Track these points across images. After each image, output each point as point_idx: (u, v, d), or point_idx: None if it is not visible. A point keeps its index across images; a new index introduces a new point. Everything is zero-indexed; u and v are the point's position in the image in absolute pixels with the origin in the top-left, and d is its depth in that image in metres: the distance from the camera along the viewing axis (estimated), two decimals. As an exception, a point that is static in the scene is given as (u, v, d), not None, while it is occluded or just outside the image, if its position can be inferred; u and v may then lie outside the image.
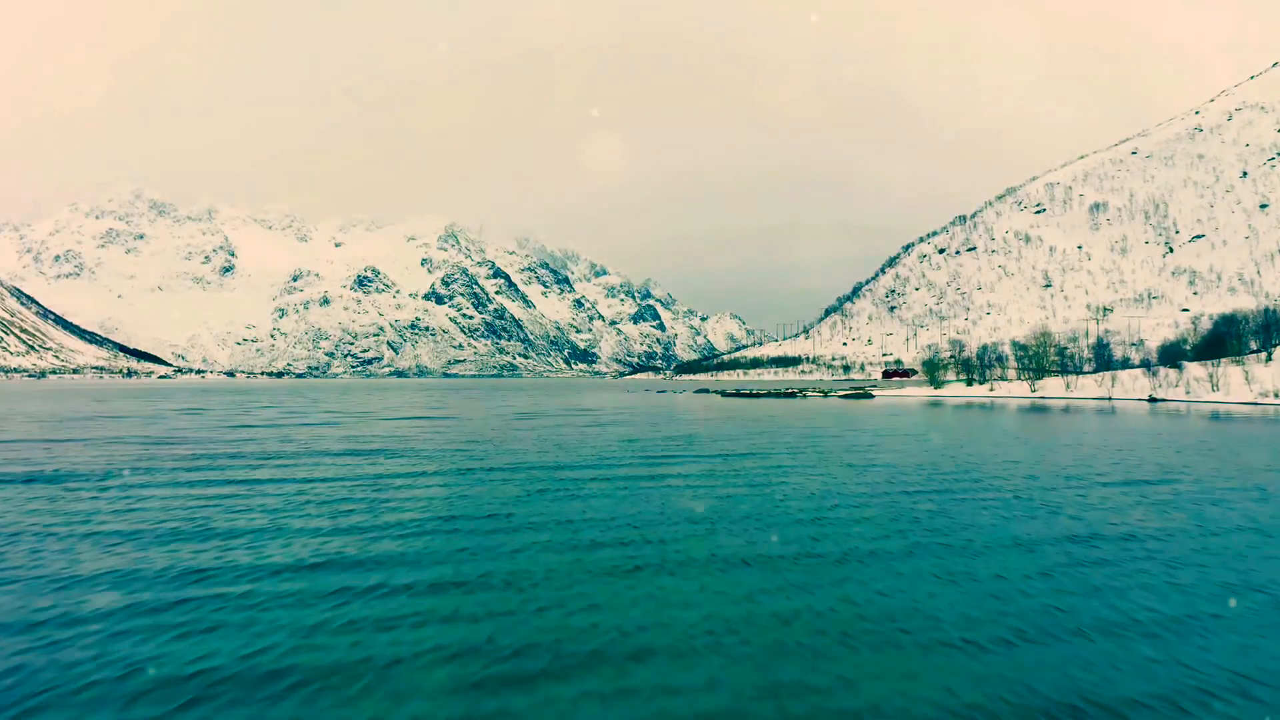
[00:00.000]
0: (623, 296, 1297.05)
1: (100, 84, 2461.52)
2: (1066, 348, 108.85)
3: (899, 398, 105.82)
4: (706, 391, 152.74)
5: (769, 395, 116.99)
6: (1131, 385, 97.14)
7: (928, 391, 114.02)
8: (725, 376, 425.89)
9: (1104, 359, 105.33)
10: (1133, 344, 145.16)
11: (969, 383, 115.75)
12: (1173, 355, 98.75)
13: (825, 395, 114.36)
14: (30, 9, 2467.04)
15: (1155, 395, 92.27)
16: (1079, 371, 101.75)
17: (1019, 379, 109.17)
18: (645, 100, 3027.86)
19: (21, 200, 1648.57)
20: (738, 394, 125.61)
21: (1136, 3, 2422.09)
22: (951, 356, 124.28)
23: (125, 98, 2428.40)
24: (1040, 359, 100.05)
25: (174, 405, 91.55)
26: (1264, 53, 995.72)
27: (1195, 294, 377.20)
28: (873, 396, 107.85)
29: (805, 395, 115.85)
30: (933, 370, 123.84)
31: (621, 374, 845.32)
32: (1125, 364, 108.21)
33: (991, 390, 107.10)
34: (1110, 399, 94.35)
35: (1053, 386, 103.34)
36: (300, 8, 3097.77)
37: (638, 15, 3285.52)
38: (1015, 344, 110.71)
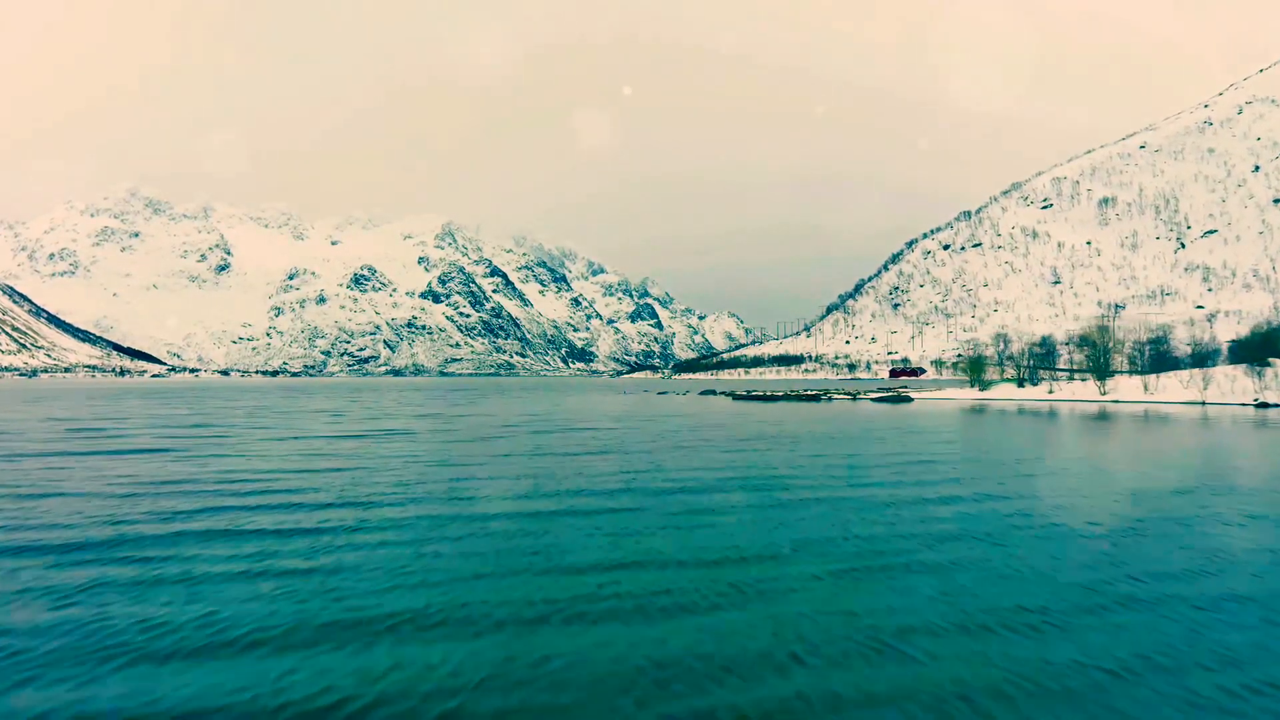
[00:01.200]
0: (620, 295, 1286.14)
1: (97, 83, 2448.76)
2: (1124, 342, 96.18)
3: (939, 401, 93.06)
4: (712, 393, 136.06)
5: (787, 398, 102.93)
6: (1229, 387, 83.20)
7: (970, 394, 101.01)
8: (726, 376, 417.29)
9: (1160, 356, 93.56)
10: (1151, 340, 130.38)
11: (1019, 384, 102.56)
12: (1250, 351, 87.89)
13: (854, 398, 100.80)
14: (29, 8, 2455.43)
15: (1264, 399, 78.93)
16: (1142, 370, 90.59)
17: (1070, 379, 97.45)
18: (643, 99, 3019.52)
19: (16, 198, 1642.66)
20: (750, 396, 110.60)
21: (1133, 1, 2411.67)
22: (997, 353, 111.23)
23: (121, 97, 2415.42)
24: (1106, 355, 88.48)
25: (70, 412, 75.60)
26: (1263, 51, 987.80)
27: (1209, 290, 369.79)
28: (910, 400, 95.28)
29: (830, 398, 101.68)
30: (975, 369, 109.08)
31: (619, 373, 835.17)
32: (1182, 363, 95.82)
33: (1050, 393, 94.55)
34: (1204, 403, 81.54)
35: (1126, 388, 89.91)
36: (297, 8, 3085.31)
37: (635, 15, 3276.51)
38: (1081, 339, 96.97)
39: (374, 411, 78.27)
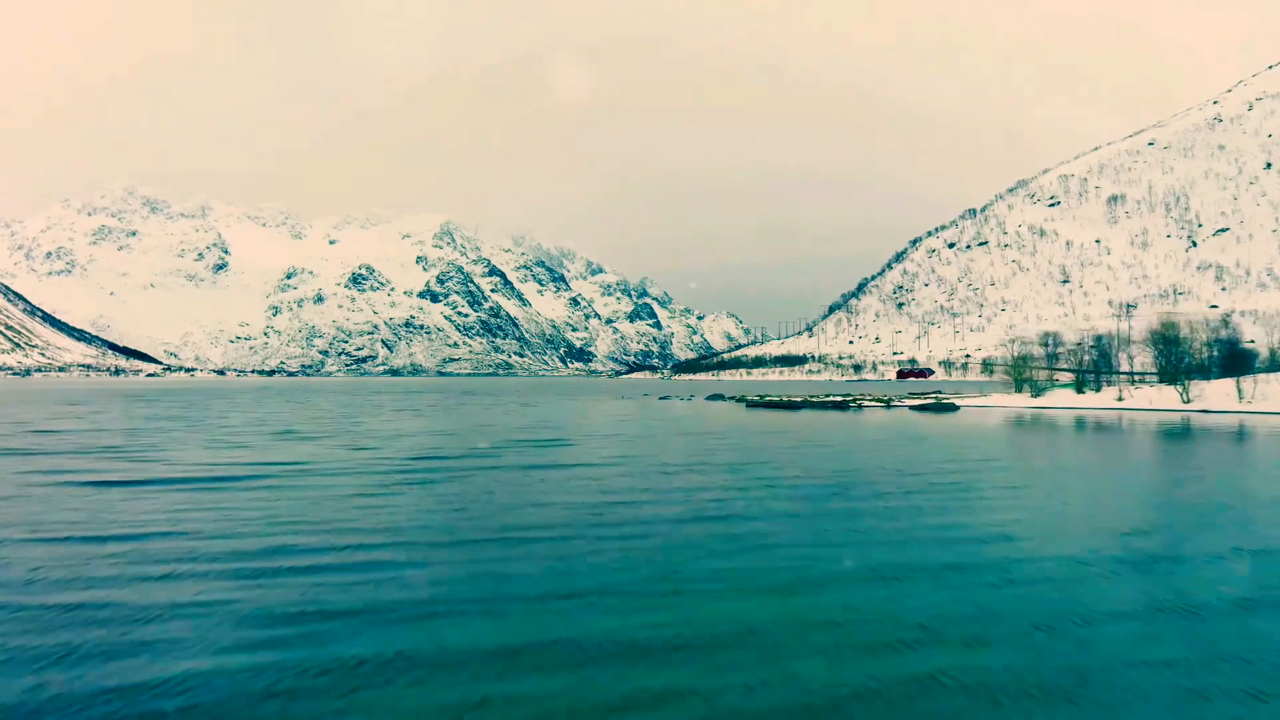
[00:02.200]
0: (619, 295, 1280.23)
1: (94, 81, 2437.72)
2: (1193, 341, 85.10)
3: (989, 409, 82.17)
4: (720, 398, 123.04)
5: (809, 406, 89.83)
6: (1355, 394, 67.47)
7: (1019, 400, 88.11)
8: (727, 376, 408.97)
9: (1233, 357, 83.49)
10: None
11: (1078, 389, 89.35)
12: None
13: (888, 406, 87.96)
14: (29, 6, 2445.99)
15: None
16: (1222, 374, 79.52)
17: (1131, 382, 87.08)
18: (642, 99, 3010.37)
19: (13, 197, 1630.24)
20: (765, 402, 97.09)
21: (1132, 1, 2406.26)
22: (1047, 354, 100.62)
23: (119, 95, 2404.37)
24: (1187, 356, 77.61)
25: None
26: (1268, 50, 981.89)
27: (1224, 290, 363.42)
28: (955, 408, 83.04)
29: (859, 406, 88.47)
30: (1021, 371, 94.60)
31: (617, 373, 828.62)
32: (1260, 363, 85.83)
33: (1120, 400, 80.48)
34: None
35: (1215, 395, 75.19)
36: (296, 7, 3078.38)
37: (635, 15, 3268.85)
38: (1155, 336, 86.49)
39: (306, 426, 61.46)
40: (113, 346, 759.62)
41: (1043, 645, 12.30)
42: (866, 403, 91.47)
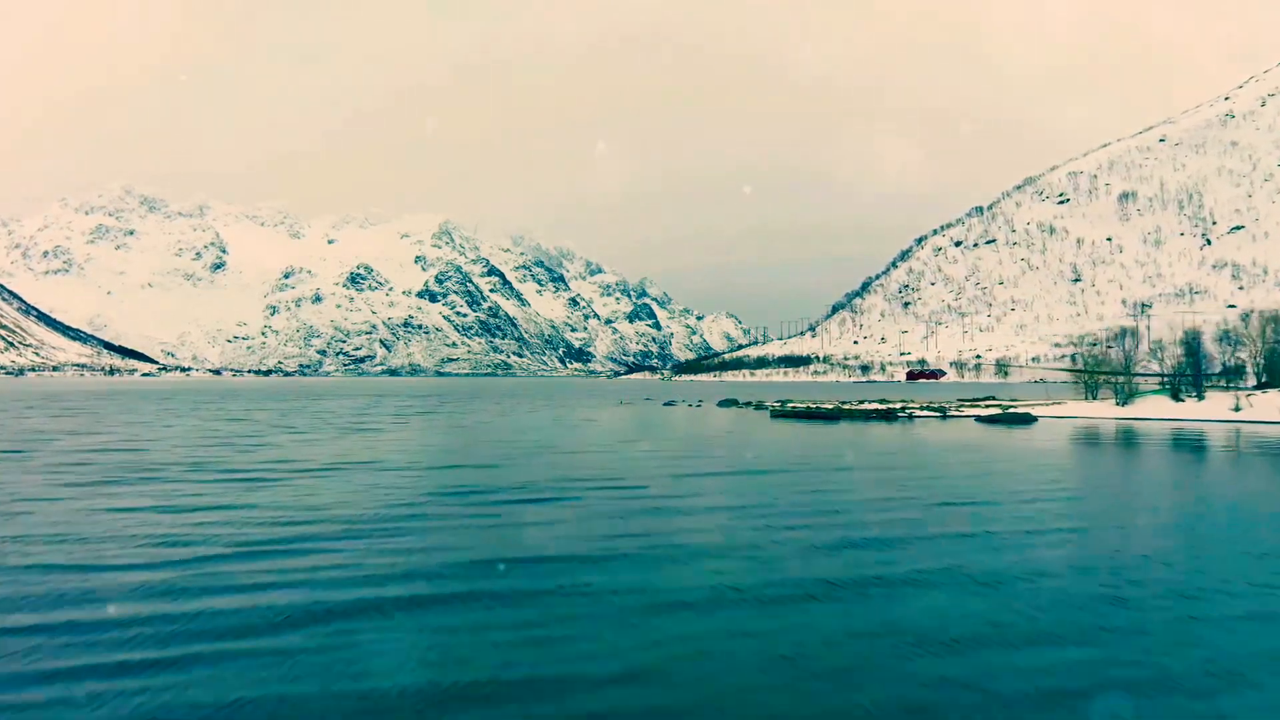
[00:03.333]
0: (618, 295, 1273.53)
1: (92, 79, 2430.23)
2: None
3: (1072, 420, 70.43)
4: (734, 403, 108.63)
5: (847, 416, 78.09)
6: None
7: (1103, 410, 75.91)
8: (729, 377, 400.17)
9: None
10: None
11: (1175, 396, 75.60)
12: None
13: (943, 416, 76.77)
14: (25, 7, 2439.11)
15: None
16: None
17: (1226, 387, 72.13)
18: (641, 98, 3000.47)
19: (10, 195, 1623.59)
20: (792, 411, 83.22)
21: (1132, 2, 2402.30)
22: (1124, 353, 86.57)
23: (117, 93, 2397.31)
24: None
25: None
26: (1268, 52, 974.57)
27: (1241, 288, 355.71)
28: (1033, 419, 70.50)
29: (910, 416, 77.46)
30: (1094, 373, 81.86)
31: (616, 373, 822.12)
32: None
33: (1237, 410, 67.01)
34: None
35: None
36: (296, 6, 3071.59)
37: (635, 15, 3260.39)
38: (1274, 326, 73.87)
39: (173, 453, 43.57)
40: (109, 346, 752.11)
41: None
42: (918, 412, 78.95)
